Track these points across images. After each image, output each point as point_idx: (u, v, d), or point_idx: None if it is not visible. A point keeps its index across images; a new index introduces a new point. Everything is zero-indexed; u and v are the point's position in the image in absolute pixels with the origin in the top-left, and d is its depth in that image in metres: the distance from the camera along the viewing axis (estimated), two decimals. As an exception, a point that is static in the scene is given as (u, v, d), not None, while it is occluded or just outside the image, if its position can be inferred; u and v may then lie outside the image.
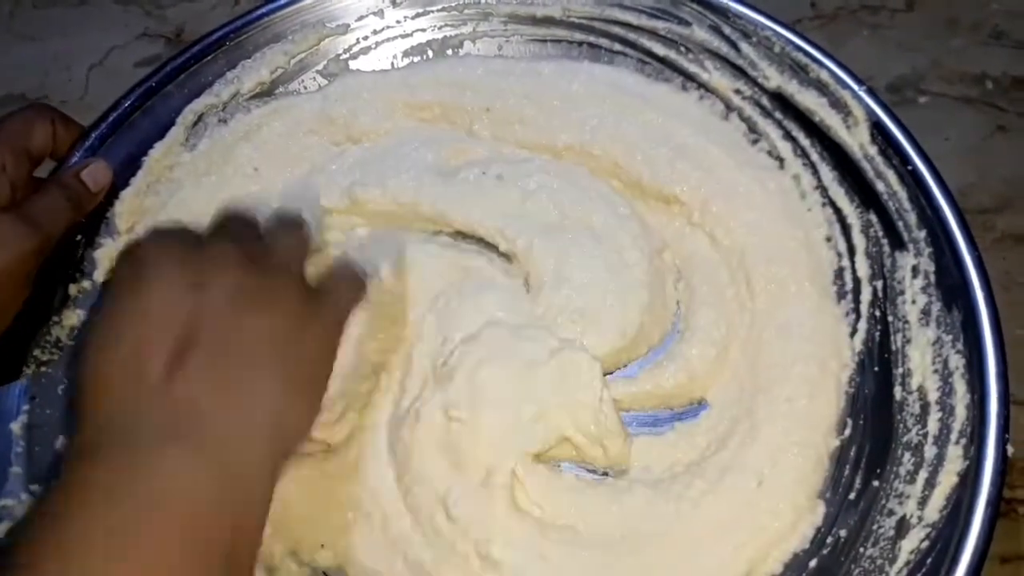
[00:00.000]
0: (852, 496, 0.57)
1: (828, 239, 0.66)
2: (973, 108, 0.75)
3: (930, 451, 0.55)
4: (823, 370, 0.62)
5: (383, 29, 0.76)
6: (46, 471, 0.60)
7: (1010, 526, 0.58)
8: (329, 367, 0.51)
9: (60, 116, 0.66)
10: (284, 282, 0.48)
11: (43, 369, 0.63)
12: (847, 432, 0.60)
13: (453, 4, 0.75)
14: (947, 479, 0.53)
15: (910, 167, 0.62)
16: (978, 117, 0.75)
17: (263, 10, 0.73)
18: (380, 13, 0.75)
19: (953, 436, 0.54)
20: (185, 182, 0.71)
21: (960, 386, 0.55)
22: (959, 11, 0.80)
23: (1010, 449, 0.52)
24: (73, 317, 0.65)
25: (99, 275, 0.67)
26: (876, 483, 0.57)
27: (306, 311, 0.48)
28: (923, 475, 0.54)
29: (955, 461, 0.53)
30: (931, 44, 0.78)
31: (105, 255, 0.68)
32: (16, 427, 0.60)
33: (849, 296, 0.64)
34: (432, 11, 0.75)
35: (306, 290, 0.50)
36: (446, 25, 0.76)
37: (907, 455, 0.56)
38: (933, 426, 0.56)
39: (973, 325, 0.56)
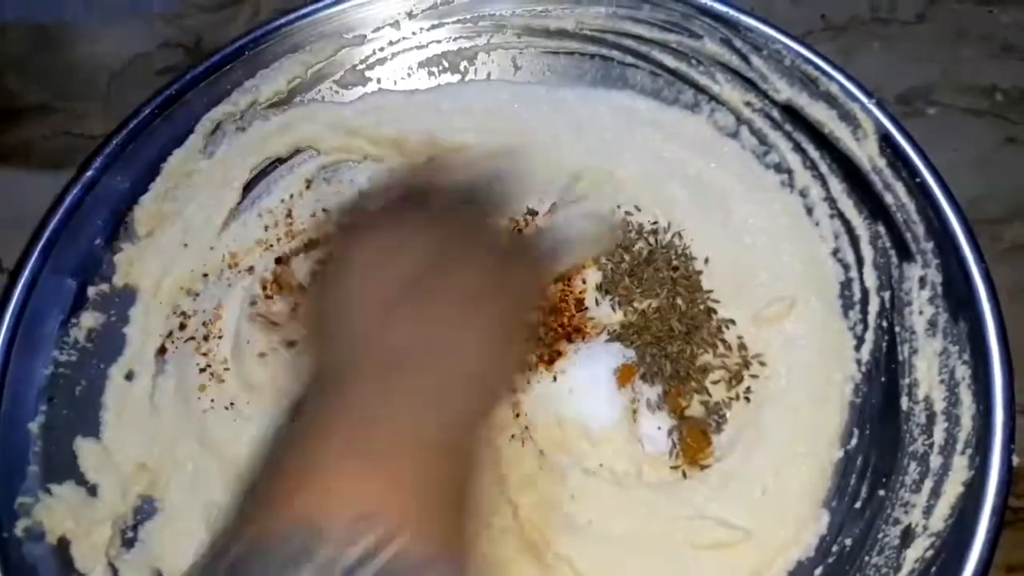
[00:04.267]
0: (858, 505, 0.58)
1: (835, 252, 0.66)
2: (982, 120, 0.76)
3: (936, 461, 0.55)
4: (828, 382, 0.63)
5: (399, 40, 0.77)
6: (62, 470, 0.61)
7: (1016, 536, 0.58)
8: (526, 323, 0.52)
9: None
10: (478, 243, 0.50)
11: (61, 370, 0.64)
12: (853, 442, 0.60)
13: (467, 16, 0.76)
14: (952, 489, 0.54)
15: (918, 179, 0.62)
16: (987, 129, 0.75)
17: (281, 20, 0.74)
18: (396, 24, 0.76)
19: (959, 446, 0.55)
20: (203, 188, 0.72)
21: (966, 396, 0.56)
22: (969, 24, 0.80)
23: (1015, 459, 0.52)
24: (91, 319, 0.66)
25: (118, 279, 0.68)
26: (882, 492, 0.57)
27: (502, 269, 0.49)
28: (928, 485, 0.55)
29: (960, 471, 0.54)
30: (941, 56, 0.79)
31: (124, 259, 0.69)
32: (34, 427, 0.61)
33: (857, 307, 0.64)
34: (447, 23, 0.76)
35: (501, 249, 0.51)
36: (461, 37, 0.77)
37: (913, 464, 0.56)
38: (939, 436, 0.56)
39: (979, 336, 0.56)
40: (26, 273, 0.64)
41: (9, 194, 0.74)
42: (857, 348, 0.64)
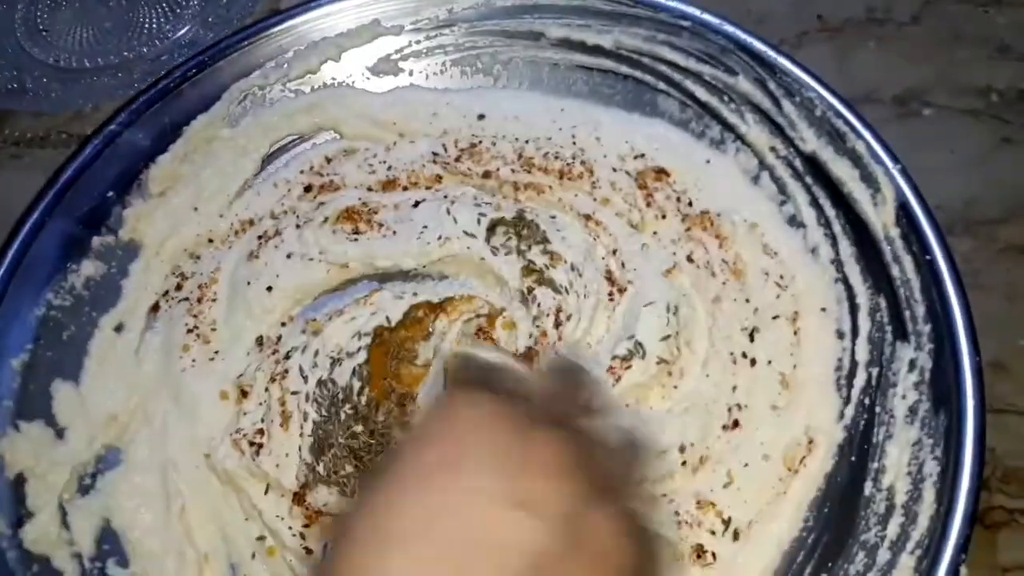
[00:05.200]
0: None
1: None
2: (978, 120, 0.75)
3: (883, 555, 0.52)
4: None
5: (436, 36, 0.76)
6: (34, 409, 0.63)
7: (1011, 537, 0.57)
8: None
9: None
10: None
11: (53, 313, 0.66)
12: (811, 519, 0.58)
13: (508, 21, 0.75)
14: (892, 589, 0.51)
15: (928, 256, 0.59)
16: (983, 129, 0.74)
17: (321, 1, 0.75)
18: (435, 20, 0.76)
19: (909, 545, 0.52)
20: (222, 155, 0.74)
21: (929, 494, 0.53)
22: (965, 25, 0.79)
23: (964, 571, 0.49)
24: (91, 268, 0.68)
25: (124, 233, 0.70)
26: (824, 576, 0.55)
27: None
28: (871, 579, 0.52)
29: (905, 571, 0.51)
30: (937, 57, 0.78)
31: (133, 214, 0.71)
32: (16, 363, 0.63)
33: (843, 378, 0.61)
34: (486, 25, 0.76)
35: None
36: (498, 40, 0.76)
37: (861, 554, 0.54)
38: (893, 530, 0.53)
39: (957, 434, 0.53)
40: (36, 214, 0.67)
41: (3, 195, 0.75)
42: (837, 420, 0.61)
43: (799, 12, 0.80)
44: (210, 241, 0.72)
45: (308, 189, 0.73)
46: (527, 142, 0.74)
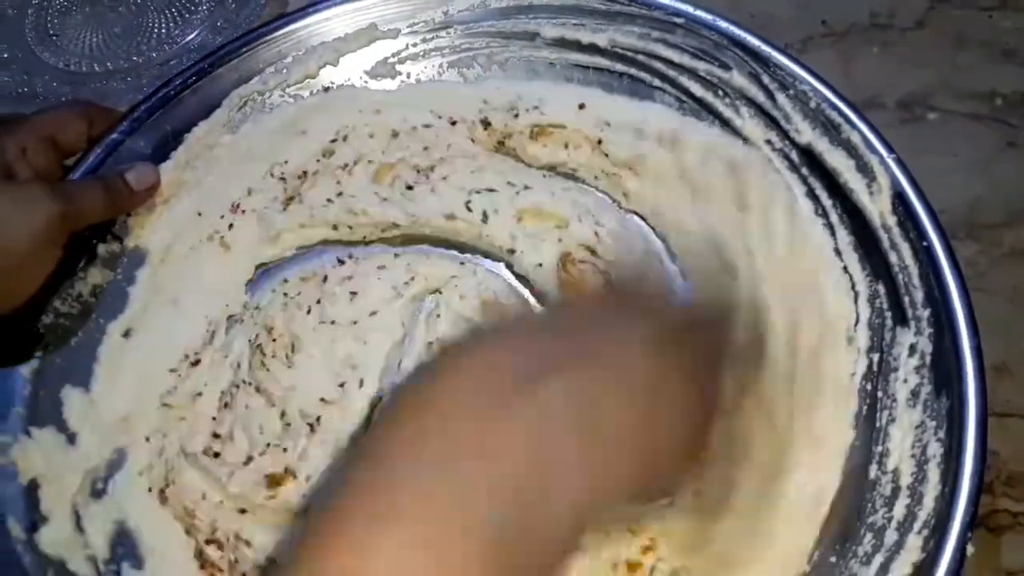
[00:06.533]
0: (807, 568, 0.56)
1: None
2: (983, 124, 0.76)
3: (891, 536, 0.53)
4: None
5: (433, 38, 0.77)
6: (45, 416, 0.64)
7: (1016, 540, 0.59)
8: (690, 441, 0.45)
9: (99, 112, 0.69)
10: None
11: (60, 320, 0.67)
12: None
13: (503, 22, 0.76)
14: (900, 569, 0.52)
15: (926, 243, 0.60)
16: (987, 133, 0.75)
17: (319, 7, 0.76)
18: (431, 22, 0.77)
19: (916, 525, 0.53)
20: (223, 161, 0.74)
21: (934, 475, 0.54)
22: (969, 29, 0.81)
23: (970, 549, 0.50)
24: (98, 275, 0.69)
25: (130, 240, 0.71)
26: (833, 559, 0.55)
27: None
28: (879, 559, 0.53)
29: (913, 551, 0.52)
30: (941, 61, 0.79)
31: (137, 222, 0.71)
32: (26, 371, 0.64)
33: (845, 365, 0.62)
34: (482, 26, 0.77)
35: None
36: (494, 42, 0.77)
37: (868, 536, 0.55)
38: (899, 511, 0.54)
39: (959, 415, 0.54)
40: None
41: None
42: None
43: (803, 17, 0.82)
44: (214, 247, 0.73)
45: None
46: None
